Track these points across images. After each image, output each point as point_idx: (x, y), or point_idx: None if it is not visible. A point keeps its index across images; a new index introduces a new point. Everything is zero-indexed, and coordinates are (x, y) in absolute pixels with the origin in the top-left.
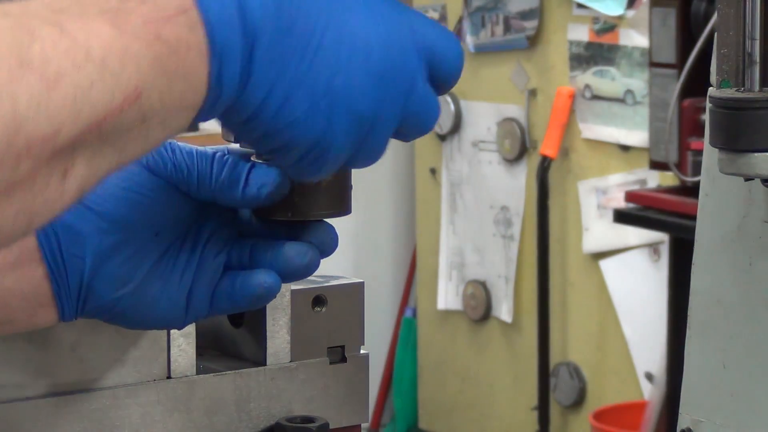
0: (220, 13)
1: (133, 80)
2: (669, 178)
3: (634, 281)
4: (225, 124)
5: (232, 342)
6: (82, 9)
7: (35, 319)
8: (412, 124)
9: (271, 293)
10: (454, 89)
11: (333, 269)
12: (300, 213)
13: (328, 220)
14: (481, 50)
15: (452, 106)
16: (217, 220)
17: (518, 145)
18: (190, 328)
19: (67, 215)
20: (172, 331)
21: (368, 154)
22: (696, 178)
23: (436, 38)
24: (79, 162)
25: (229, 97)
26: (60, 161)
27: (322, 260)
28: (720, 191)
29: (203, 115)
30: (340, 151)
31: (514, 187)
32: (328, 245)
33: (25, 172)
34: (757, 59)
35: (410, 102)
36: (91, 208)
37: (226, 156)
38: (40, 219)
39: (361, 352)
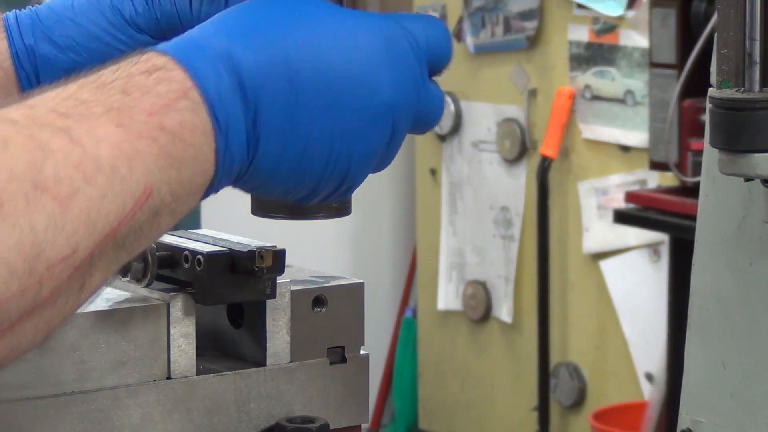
0: (218, 89)
1: (142, 181)
2: (669, 179)
3: (634, 281)
4: (237, 188)
5: (232, 342)
6: (88, 109)
7: None
8: (424, 119)
9: None
10: (454, 90)
11: (333, 269)
12: (300, 213)
13: (328, 221)
14: (481, 51)
15: (452, 107)
16: None
17: (518, 146)
18: (191, 329)
19: None
20: (172, 332)
21: (386, 163)
22: (696, 179)
23: (423, 29)
24: (96, 273)
25: (239, 168)
26: (79, 277)
27: (322, 260)
28: (720, 191)
29: (211, 191)
30: (362, 179)
31: (514, 187)
32: None
33: (47, 293)
34: (757, 59)
35: (420, 103)
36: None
37: None
38: (56, 328)
39: (361, 352)
